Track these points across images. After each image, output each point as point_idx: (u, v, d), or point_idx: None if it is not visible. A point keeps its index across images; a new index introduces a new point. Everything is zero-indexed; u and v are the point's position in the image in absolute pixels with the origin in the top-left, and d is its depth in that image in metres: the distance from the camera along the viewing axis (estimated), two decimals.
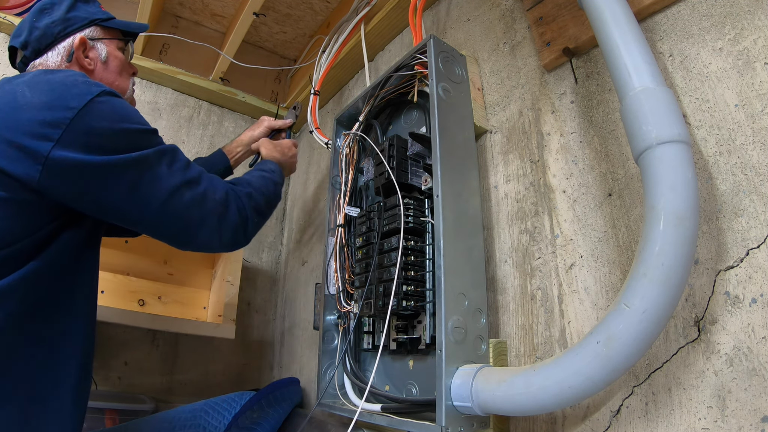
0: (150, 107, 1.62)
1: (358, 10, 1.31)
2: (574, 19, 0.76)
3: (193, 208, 0.69)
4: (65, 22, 0.78)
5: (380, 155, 0.89)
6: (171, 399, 1.37)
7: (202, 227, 0.71)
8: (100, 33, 0.82)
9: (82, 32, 0.80)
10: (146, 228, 0.70)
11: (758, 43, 0.56)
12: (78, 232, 0.68)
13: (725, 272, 0.53)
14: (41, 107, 0.60)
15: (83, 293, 0.71)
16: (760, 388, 0.47)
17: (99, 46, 0.81)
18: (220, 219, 0.73)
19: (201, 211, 0.70)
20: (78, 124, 0.60)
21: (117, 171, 0.62)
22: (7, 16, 1.38)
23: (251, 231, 0.80)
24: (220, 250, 0.78)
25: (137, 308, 1.34)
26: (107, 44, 0.83)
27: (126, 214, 0.66)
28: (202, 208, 0.71)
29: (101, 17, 0.84)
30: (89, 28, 0.81)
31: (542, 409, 0.56)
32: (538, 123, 0.82)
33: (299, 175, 1.75)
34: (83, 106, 0.61)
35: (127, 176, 0.63)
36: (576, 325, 0.66)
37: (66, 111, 0.60)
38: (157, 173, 0.66)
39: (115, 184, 0.63)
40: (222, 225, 0.74)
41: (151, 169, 0.65)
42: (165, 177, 0.67)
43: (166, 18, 1.70)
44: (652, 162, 0.51)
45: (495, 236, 0.83)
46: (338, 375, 0.93)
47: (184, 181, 0.69)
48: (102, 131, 0.62)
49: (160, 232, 0.71)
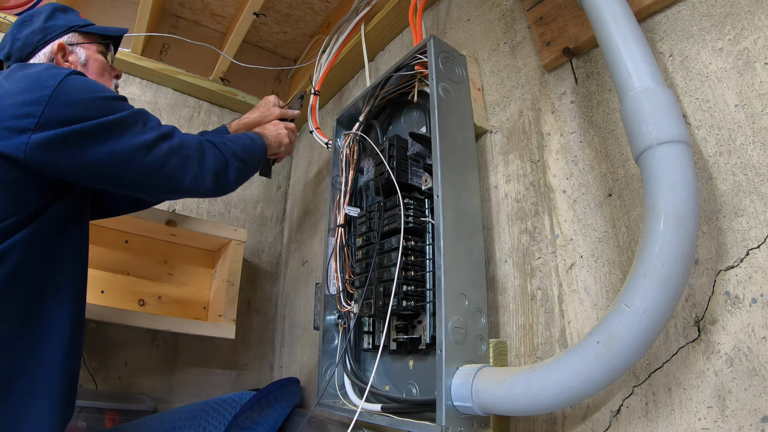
0: (150, 107, 1.61)
1: (358, 10, 1.31)
2: (574, 19, 0.76)
3: (172, 156, 0.75)
4: (44, 31, 0.83)
5: (380, 155, 0.89)
6: (171, 399, 1.37)
7: (184, 173, 0.76)
8: (79, 38, 0.87)
9: (61, 38, 0.85)
10: (134, 185, 0.74)
11: (758, 43, 0.56)
12: (63, 206, 0.74)
13: (725, 272, 0.53)
14: (20, 92, 0.66)
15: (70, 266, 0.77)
16: (760, 388, 0.47)
17: (78, 50, 0.86)
18: (199, 163, 0.79)
19: (180, 159, 0.76)
20: (55, 100, 0.66)
21: (96, 135, 0.68)
22: (7, 16, 1.38)
23: (233, 175, 0.85)
24: (208, 193, 0.83)
25: (137, 308, 1.34)
26: (86, 48, 0.88)
27: (111, 174, 0.71)
28: (180, 155, 0.76)
29: (79, 23, 0.88)
30: (68, 34, 0.86)
31: (542, 409, 0.56)
32: (538, 123, 0.82)
33: (299, 176, 1.75)
34: (57, 84, 0.67)
35: (106, 138, 0.69)
36: (576, 325, 0.66)
37: (42, 90, 0.66)
38: (133, 132, 0.72)
39: (96, 148, 0.68)
40: (203, 169, 0.79)
41: (127, 129, 0.71)
42: (141, 134, 0.72)
43: (166, 18, 1.70)
44: (652, 162, 0.51)
45: (495, 236, 0.83)
46: (338, 375, 0.93)
47: (159, 135, 0.75)
48: (77, 102, 0.68)
49: (147, 185, 0.75)
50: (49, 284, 0.72)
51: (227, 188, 0.85)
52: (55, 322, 0.72)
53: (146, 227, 1.33)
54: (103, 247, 1.32)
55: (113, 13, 1.62)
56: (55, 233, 0.73)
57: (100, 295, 1.30)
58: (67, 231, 0.76)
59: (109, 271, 1.32)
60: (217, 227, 1.39)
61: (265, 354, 1.61)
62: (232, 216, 1.67)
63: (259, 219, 1.73)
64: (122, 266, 1.35)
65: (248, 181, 1.71)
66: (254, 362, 1.57)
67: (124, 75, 1.58)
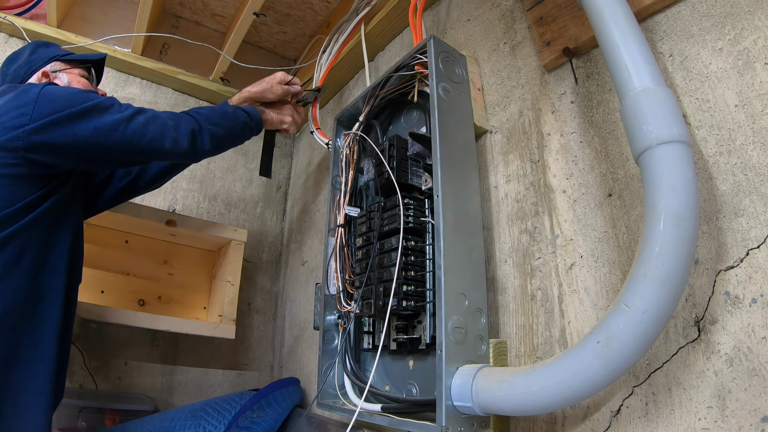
0: (150, 107, 1.59)
1: (359, 10, 1.31)
2: (574, 19, 0.76)
3: (149, 124, 0.86)
4: (29, 64, 0.96)
5: (380, 155, 0.89)
6: (171, 399, 1.37)
7: (164, 137, 0.87)
8: (61, 65, 0.98)
9: (44, 67, 0.96)
10: (120, 153, 0.84)
11: (758, 43, 0.56)
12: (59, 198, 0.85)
13: (725, 272, 0.53)
14: (9, 106, 0.78)
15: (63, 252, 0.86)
16: (760, 388, 0.47)
17: (61, 75, 0.97)
18: (175, 129, 0.89)
19: (156, 125, 0.87)
20: (42, 100, 0.78)
21: (79, 117, 0.79)
22: (7, 16, 1.38)
23: (207, 138, 0.94)
24: (186, 155, 0.92)
25: (137, 308, 1.34)
26: (68, 73, 0.98)
27: (98, 147, 0.81)
28: (156, 122, 0.87)
29: (60, 53, 1.00)
30: (50, 63, 0.97)
31: (542, 409, 0.56)
32: (538, 123, 0.82)
33: (299, 176, 1.75)
34: (41, 89, 0.79)
35: (89, 118, 0.80)
36: (576, 325, 0.66)
37: (29, 95, 0.78)
38: (110, 111, 0.83)
39: (82, 127, 0.79)
40: (179, 132, 0.89)
41: (105, 110, 0.83)
42: (118, 111, 0.84)
43: (166, 18, 1.70)
44: (652, 162, 0.51)
45: (495, 236, 0.83)
46: (338, 375, 0.93)
47: (134, 111, 0.86)
48: (60, 97, 0.80)
49: (132, 151, 0.85)
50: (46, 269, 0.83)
51: (202, 150, 0.94)
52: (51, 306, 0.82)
53: (146, 227, 1.33)
54: (103, 247, 1.32)
55: (113, 13, 1.62)
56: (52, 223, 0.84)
57: (100, 295, 1.30)
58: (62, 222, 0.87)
59: (109, 271, 1.32)
60: (217, 227, 1.39)
61: (265, 354, 1.61)
62: (232, 216, 1.67)
63: (259, 219, 1.73)
64: (122, 266, 1.35)
65: (248, 181, 1.73)
66: (254, 362, 1.57)
67: (124, 75, 1.58)
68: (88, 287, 1.28)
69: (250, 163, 1.75)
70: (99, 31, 1.54)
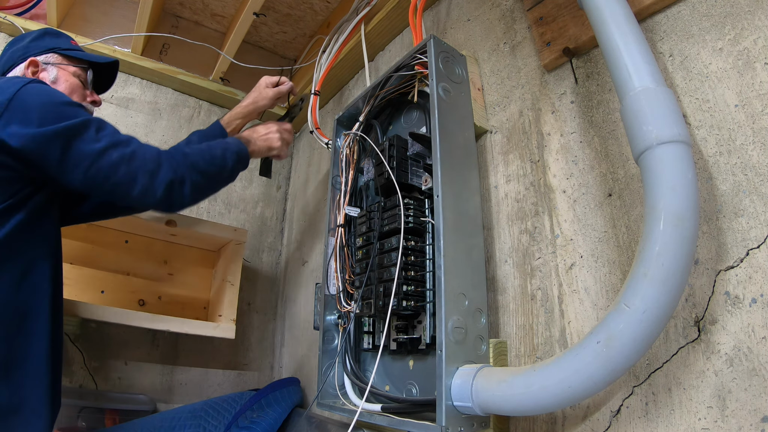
0: (150, 107, 1.62)
1: (359, 10, 1.31)
2: (574, 20, 0.76)
3: (121, 165, 0.75)
4: (25, 49, 0.91)
5: (380, 155, 0.89)
6: (171, 399, 1.37)
7: (133, 184, 0.76)
8: (57, 59, 0.92)
9: (38, 57, 0.91)
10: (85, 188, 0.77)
11: (758, 43, 0.56)
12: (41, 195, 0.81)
13: (725, 272, 0.53)
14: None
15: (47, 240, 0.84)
16: (760, 388, 0.47)
17: (51, 68, 0.91)
18: (151, 176, 0.77)
19: (129, 168, 0.76)
20: (14, 104, 0.72)
21: (48, 140, 0.72)
22: (7, 16, 1.38)
23: (189, 189, 0.82)
24: (159, 206, 0.81)
25: (137, 308, 1.34)
26: (60, 68, 0.92)
27: (64, 177, 0.75)
28: (131, 165, 0.76)
29: (62, 47, 0.94)
30: (46, 54, 0.91)
31: (542, 409, 0.56)
32: (538, 123, 0.82)
33: (299, 176, 1.75)
34: (17, 90, 0.73)
35: (58, 144, 0.72)
36: (576, 325, 0.66)
37: (4, 95, 0.72)
38: (84, 138, 0.74)
39: (50, 152, 0.72)
40: (154, 180, 0.77)
41: (78, 136, 0.74)
42: (91, 141, 0.74)
43: (166, 18, 1.70)
44: (652, 162, 0.51)
45: (495, 236, 0.83)
46: (338, 375, 0.93)
47: (111, 143, 0.76)
48: (33, 106, 0.73)
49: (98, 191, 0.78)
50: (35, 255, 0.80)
51: (180, 202, 0.82)
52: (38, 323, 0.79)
53: (146, 227, 1.33)
54: (103, 247, 1.32)
55: (114, 14, 1.62)
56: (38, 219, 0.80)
57: (100, 295, 1.30)
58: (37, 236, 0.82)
59: (109, 271, 1.32)
60: (217, 227, 1.39)
61: (265, 354, 1.61)
62: (232, 216, 1.67)
63: (259, 219, 1.73)
64: (122, 266, 1.35)
65: (248, 181, 1.73)
66: (254, 362, 1.57)
67: (124, 75, 1.58)
68: (88, 287, 1.28)
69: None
70: (99, 31, 1.54)
